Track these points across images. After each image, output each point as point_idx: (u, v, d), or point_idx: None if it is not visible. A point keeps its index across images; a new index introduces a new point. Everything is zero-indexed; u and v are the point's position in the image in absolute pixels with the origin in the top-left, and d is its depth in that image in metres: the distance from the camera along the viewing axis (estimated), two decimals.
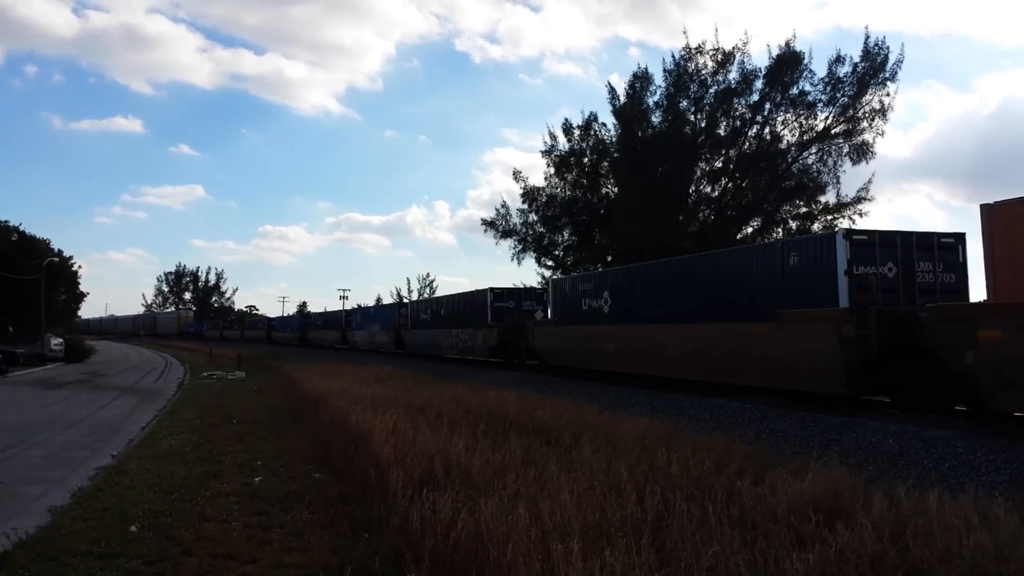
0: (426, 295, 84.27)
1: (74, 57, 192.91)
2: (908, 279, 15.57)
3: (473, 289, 37.87)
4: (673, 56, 40.63)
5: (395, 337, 48.59)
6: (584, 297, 26.47)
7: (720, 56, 39.37)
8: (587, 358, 25.43)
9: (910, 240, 15.91)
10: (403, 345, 47.63)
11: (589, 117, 44.23)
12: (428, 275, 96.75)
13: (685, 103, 40.59)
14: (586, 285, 26.81)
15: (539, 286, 40.91)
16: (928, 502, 7.06)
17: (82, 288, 76.50)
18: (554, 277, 31.05)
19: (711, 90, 39.98)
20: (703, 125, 40.50)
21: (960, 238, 16.21)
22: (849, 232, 16.01)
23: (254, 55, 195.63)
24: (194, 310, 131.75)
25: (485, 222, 47.56)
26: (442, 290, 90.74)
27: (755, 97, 39.40)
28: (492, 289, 34.94)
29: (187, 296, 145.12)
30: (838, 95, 37.74)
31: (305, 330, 74.48)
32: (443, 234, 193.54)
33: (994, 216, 12.84)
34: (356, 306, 76.66)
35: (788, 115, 39.23)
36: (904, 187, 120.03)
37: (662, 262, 23.76)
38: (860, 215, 38.33)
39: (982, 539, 5.76)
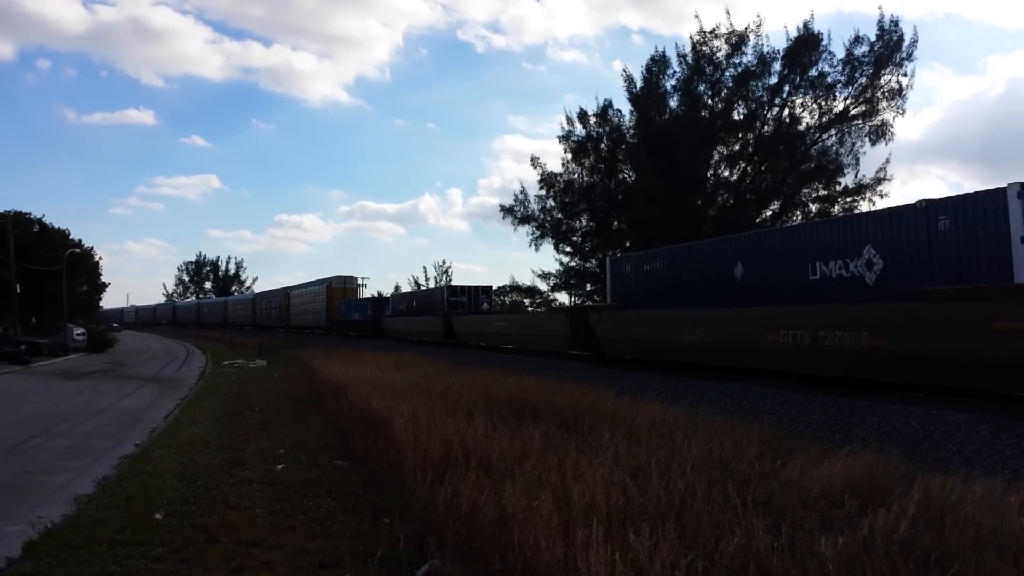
0: (442, 283, 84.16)
1: (85, 51, 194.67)
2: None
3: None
4: (691, 39, 40.46)
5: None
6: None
7: (735, 39, 39.03)
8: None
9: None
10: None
11: (605, 103, 44.11)
12: (444, 262, 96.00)
13: (702, 87, 40.28)
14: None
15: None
16: (966, 487, 6.95)
17: (103, 279, 77.22)
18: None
19: (727, 73, 39.68)
20: (720, 108, 40.14)
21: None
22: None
23: (263, 47, 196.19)
24: (361, 283, 75.41)
25: (503, 208, 47.48)
26: (457, 277, 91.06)
27: (773, 79, 39.06)
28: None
29: (207, 286, 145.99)
30: (856, 76, 37.33)
31: None
32: (457, 222, 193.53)
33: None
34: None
35: (807, 97, 38.88)
36: (916, 169, 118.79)
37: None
38: (880, 196, 37.98)
39: (1015, 526, 5.67)
